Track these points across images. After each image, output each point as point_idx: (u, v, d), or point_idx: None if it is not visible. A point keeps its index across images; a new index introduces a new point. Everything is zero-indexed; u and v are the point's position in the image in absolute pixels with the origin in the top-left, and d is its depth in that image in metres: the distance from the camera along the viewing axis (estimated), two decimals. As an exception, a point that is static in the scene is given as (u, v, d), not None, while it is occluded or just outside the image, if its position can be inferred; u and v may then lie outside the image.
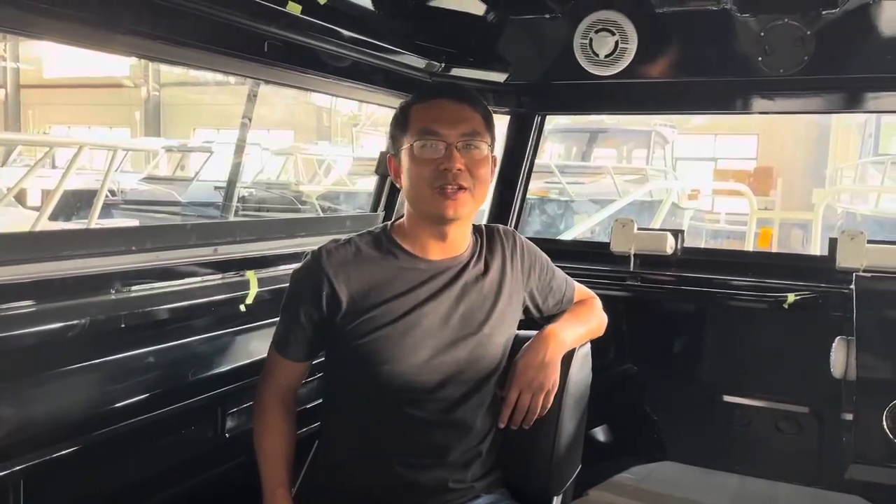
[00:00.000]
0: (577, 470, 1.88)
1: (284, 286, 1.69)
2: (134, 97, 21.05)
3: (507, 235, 1.77)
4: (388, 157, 1.70)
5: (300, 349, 1.65)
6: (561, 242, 4.71)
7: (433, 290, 1.62)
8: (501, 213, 2.93)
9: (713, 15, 2.36)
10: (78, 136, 14.07)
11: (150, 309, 1.80)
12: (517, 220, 2.99)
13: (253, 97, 4.69)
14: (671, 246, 2.80)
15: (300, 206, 9.79)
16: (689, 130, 15.44)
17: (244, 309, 2.01)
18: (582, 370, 1.83)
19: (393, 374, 1.57)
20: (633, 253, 2.80)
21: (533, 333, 1.75)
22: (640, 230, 2.85)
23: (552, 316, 1.82)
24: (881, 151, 12.40)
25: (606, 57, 2.51)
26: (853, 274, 2.41)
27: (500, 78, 2.71)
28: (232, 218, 5.91)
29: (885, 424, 2.06)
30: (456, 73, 2.52)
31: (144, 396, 1.70)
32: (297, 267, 1.68)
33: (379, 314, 1.58)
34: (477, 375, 1.64)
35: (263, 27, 1.82)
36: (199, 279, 1.98)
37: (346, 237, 1.66)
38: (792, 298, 2.54)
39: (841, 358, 2.23)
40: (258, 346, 1.88)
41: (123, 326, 1.71)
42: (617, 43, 2.49)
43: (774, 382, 2.72)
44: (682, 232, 2.90)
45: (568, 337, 1.76)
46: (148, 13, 1.58)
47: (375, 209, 2.74)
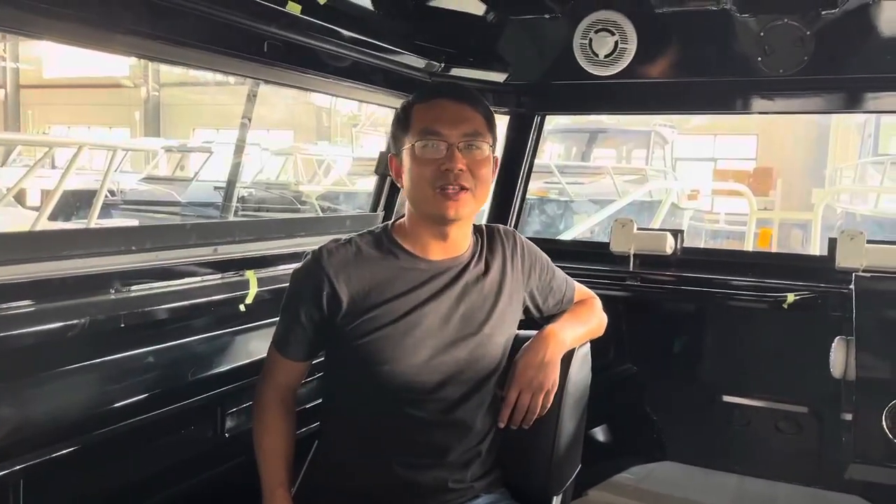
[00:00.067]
0: (576, 470, 1.88)
1: (284, 286, 1.69)
2: (133, 97, 21.05)
3: (507, 235, 1.76)
4: (389, 156, 1.69)
5: (300, 349, 1.64)
6: (560, 242, 4.72)
7: (434, 290, 1.62)
8: (501, 212, 2.93)
9: (713, 15, 2.36)
10: (77, 136, 14.10)
11: (149, 309, 1.80)
12: (517, 220, 2.99)
13: (252, 97, 4.68)
14: (671, 246, 2.80)
15: (300, 206, 9.78)
16: (688, 131, 15.44)
17: (244, 309, 2.01)
18: (582, 370, 1.83)
19: (393, 374, 1.57)
20: (632, 253, 2.80)
21: (533, 333, 1.75)
22: (639, 230, 2.85)
23: (552, 316, 1.82)
24: (881, 151, 12.39)
25: (606, 57, 2.51)
26: (853, 274, 2.41)
27: (499, 78, 2.71)
28: (231, 218, 5.90)
29: (884, 424, 2.06)
30: (456, 73, 2.52)
31: (144, 396, 1.70)
32: (297, 266, 1.68)
33: (379, 314, 1.58)
34: (477, 375, 1.64)
35: (263, 27, 1.82)
36: (198, 279, 1.98)
37: (346, 237, 1.66)
38: (791, 298, 2.54)
39: (840, 358, 2.23)
40: (258, 345, 1.88)
41: (123, 326, 1.72)
42: (616, 43, 2.49)
43: (774, 382, 2.72)
44: (681, 232, 2.90)
45: (568, 337, 1.76)
46: (148, 13, 1.58)
47: (375, 209, 2.73)
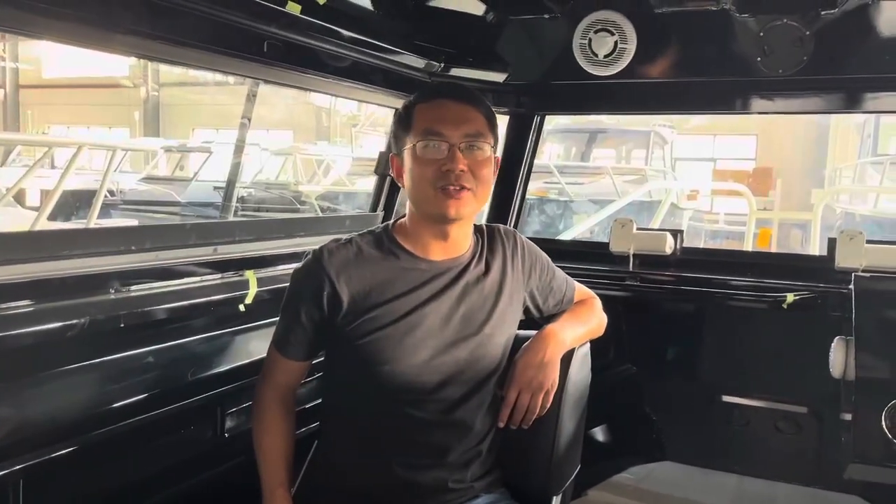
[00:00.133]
0: (576, 470, 1.88)
1: (284, 286, 1.69)
2: (133, 97, 21.04)
3: (507, 235, 1.76)
4: (390, 156, 1.69)
5: (300, 349, 1.64)
6: (560, 242, 4.71)
7: (434, 290, 1.62)
8: (500, 212, 2.93)
9: (712, 15, 2.36)
10: (77, 136, 14.08)
11: (149, 309, 1.80)
12: (516, 220, 2.99)
13: (252, 97, 4.67)
14: (670, 246, 2.80)
15: (299, 206, 9.78)
16: (687, 131, 15.44)
17: (243, 309, 2.01)
18: (581, 370, 1.83)
19: (393, 374, 1.57)
20: (632, 253, 2.80)
21: (533, 333, 1.74)
22: (639, 230, 2.85)
23: (552, 316, 1.82)
24: (880, 152, 12.40)
25: (606, 57, 2.51)
26: (852, 274, 2.41)
27: (499, 78, 2.71)
28: (231, 218, 5.90)
29: (883, 424, 2.06)
30: (455, 73, 2.52)
31: (143, 396, 1.70)
32: (297, 266, 1.67)
33: (380, 314, 1.57)
34: (477, 376, 1.64)
35: (263, 27, 1.82)
36: (198, 279, 1.98)
37: (346, 237, 1.66)
38: (791, 298, 2.54)
39: (840, 358, 2.23)
40: (257, 345, 1.88)
41: (122, 326, 1.71)
42: (616, 43, 2.49)
43: (773, 382, 2.72)
44: (681, 232, 2.91)
45: (568, 337, 1.76)
46: (148, 13, 1.58)
47: (375, 209, 2.73)
